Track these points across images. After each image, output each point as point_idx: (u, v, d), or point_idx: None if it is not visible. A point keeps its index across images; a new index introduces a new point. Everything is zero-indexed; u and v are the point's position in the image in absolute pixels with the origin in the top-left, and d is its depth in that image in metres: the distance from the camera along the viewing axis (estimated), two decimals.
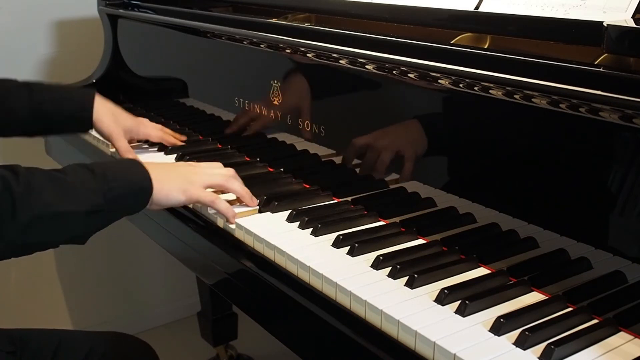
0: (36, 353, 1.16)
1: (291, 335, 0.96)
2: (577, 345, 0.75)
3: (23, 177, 0.91)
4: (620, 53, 0.81)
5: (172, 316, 2.41)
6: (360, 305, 0.85)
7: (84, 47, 2.03)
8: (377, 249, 0.97)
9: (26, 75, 2.00)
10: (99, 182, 0.96)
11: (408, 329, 0.78)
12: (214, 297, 1.91)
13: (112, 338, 1.28)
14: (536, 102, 0.86)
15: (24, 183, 0.90)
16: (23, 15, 1.96)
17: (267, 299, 0.99)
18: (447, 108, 1.02)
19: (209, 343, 2.01)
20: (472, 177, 1.01)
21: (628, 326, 0.79)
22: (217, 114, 1.52)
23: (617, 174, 0.81)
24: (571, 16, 0.91)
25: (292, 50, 1.24)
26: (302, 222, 1.05)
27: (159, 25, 1.67)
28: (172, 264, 2.26)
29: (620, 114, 0.78)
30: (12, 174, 0.91)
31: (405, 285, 0.88)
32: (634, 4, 0.86)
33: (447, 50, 0.97)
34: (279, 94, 1.30)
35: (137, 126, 1.41)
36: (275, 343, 0.99)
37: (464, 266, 0.92)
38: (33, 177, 0.92)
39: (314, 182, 1.21)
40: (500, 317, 0.78)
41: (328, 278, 0.90)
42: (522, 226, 0.94)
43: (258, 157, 1.35)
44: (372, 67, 1.08)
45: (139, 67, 1.83)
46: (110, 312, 2.28)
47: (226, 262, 1.05)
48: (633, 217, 0.81)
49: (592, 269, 0.86)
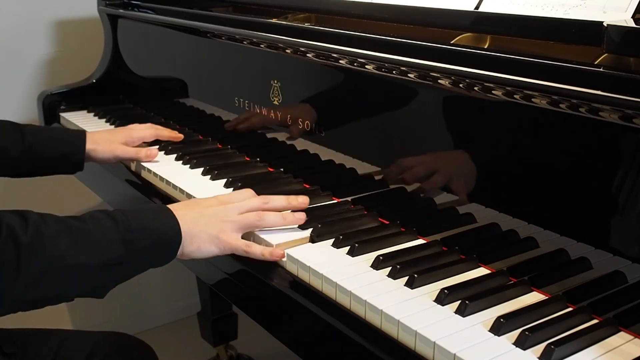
0: (36, 353, 1.16)
1: (291, 335, 0.96)
2: (577, 345, 0.75)
3: (33, 225, 0.84)
4: (620, 53, 0.81)
5: (172, 316, 2.41)
6: (360, 305, 0.85)
7: (84, 47, 2.04)
8: (377, 249, 0.97)
9: (26, 75, 2.01)
10: (121, 232, 0.88)
11: (408, 329, 0.78)
12: (214, 297, 1.91)
13: (112, 338, 1.28)
14: (536, 102, 0.86)
15: (33, 232, 0.83)
16: (23, 15, 1.96)
17: (267, 299, 0.99)
18: (447, 108, 1.02)
19: (209, 343, 2.01)
20: (472, 177, 1.01)
21: (628, 326, 0.79)
22: (217, 114, 1.52)
23: (617, 174, 0.81)
24: (571, 16, 0.91)
25: (292, 50, 1.24)
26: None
27: (159, 25, 1.67)
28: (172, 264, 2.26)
29: (620, 114, 0.78)
30: (22, 220, 0.84)
31: (405, 285, 0.88)
32: (634, 4, 0.86)
33: (447, 50, 0.97)
34: (279, 94, 1.30)
35: (130, 134, 1.41)
36: (275, 343, 0.99)
37: (464, 266, 0.92)
38: (45, 225, 0.85)
39: (314, 182, 1.21)
40: (500, 317, 0.78)
41: (328, 278, 0.90)
42: (522, 226, 0.94)
43: (258, 157, 1.35)
44: (372, 67, 1.08)
45: (139, 67, 1.83)
46: (110, 312, 2.28)
47: (226, 262, 1.05)
48: (633, 217, 0.81)
49: (592, 269, 0.86)
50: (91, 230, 0.88)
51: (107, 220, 0.90)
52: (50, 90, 1.84)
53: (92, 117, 1.77)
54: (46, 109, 1.82)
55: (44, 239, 0.84)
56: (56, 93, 1.83)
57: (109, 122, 1.70)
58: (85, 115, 1.79)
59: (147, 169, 1.35)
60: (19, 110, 2.00)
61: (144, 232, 0.90)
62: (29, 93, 1.99)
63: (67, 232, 0.86)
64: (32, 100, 1.91)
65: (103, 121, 1.72)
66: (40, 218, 0.86)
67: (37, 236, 0.83)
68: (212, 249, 0.97)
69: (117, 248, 0.88)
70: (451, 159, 1.02)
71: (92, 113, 1.79)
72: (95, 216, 0.91)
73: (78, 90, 1.86)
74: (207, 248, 0.97)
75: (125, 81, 1.86)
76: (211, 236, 0.96)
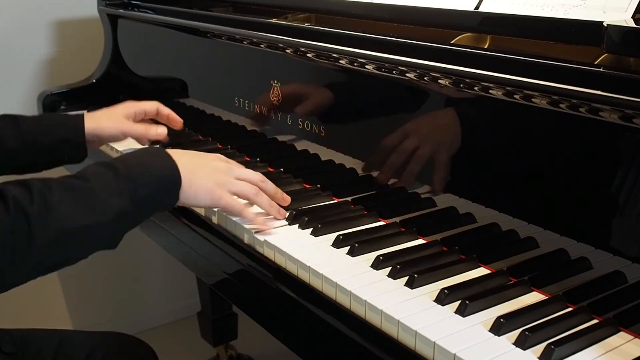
0: (37, 353, 1.16)
1: (291, 335, 0.96)
2: (577, 345, 0.75)
3: (37, 194, 0.84)
4: (620, 53, 0.81)
5: (172, 316, 2.41)
6: (360, 305, 0.85)
7: (84, 47, 2.04)
8: (377, 249, 0.97)
9: (26, 75, 2.01)
10: (123, 183, 0.89)
11: (408, 329, 0.78)
12: (214, 297, 1.91)
13: (112, 338, 1.28)
14: (536, 102, 0.86)
15: (39, 200, 0.84)
16: (23, 15, 1.96)
17: (266, 299, 0.99)
18: (447, 108, 1.02)
19: (209, 343, 2.01)
20: (472, 177, 1.01)
21: (628, 326, 0.79)
22: (217, 114, 1.52)
23: (617, 174, 0.81)
24: (571, 16, 0.91)
25: (292, 50, 1.24)
26: (302, 222, 1.05)
27: (159, 25, 1.67)
28: (172, 264, 2.26)
29: (620, 114, 0.78)
30: (26, 191, 0.84)
31: (405, 285, 0.88)
32: (634, 4, 0.86)
33: (447, 50, 0.97)
34: (279, 94, 1.30)
35: (131, 107, 1.35)
36: (275, 343, 0.99)
37: (464, 266, 0.92)
38: (49, 191, 0.85)
39: (314, 182, 1.21)
40: (500, 317, 0.78)
41: (328, 278, 0.90)
42: (522, 226, 0.94)
43: (258, 157, 1.35)
44: (372, 67, 1.08)
45: (139, 67, 1.83)
46: (110, 312, 2.28)
47: (226, 262, 1.05)
48: (633, 217, 0.81)
49: (592, 269, 0.86)
50: (95, 189, 0.88)
51: (109, 174, 0.90)
52: (50, 90, 1.84)
53: None
54: (46, 109, 1.82)
55: (50, 206, 0.84)
56: (56, 93, 1.83)
57: None
58: None
59: None
60: (19, 110, 1.99)
61: (145, 179, 0.92)
62: (29, 93, 1.99)
63: (72, 194, 0.87)
64: (32, 100, 1.91)
65: None
66: (44, 184, 0.87)
67: (43, 204, 0.84)
68: (206, 198, 0.99)
69: (122, 201, 0.89)
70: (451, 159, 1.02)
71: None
72: (97, 171, 0.91)
73: (78, 90, 1.86)
74: (203, 196, 0.99)
75: (125, 81, 1.86)
76: (208, 186, 0.99)
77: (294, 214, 1.07)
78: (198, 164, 1.00)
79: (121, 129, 1.31)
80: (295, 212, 1.07)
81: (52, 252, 0.85)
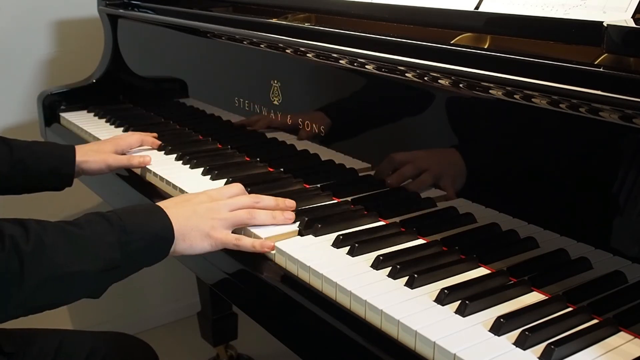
0: (37, 353, 1.16)
1: (291, 335, 0.96)
2: (577, 345, 0.75)
3: (33, 234, 0.86)
4: (620, 53, 0.81)
5: (172, 316, 2.41)
6: (360, 305, 0.85)
7: (84, 47, 2.04)
8: (377, 249, 0.97)
9: (26, 75, 2.01)
10: (116, 235, 0.91)
11: (408, 329, 0.78)
12: (214, 297, 1.91)
13: (112, 338, 1.28)
14: (536, 102, 0.86)
15: (34, 241, 0.85)
16: (23, 15, 1.96)
17: (267, 299, 0.99)
18: (447, 108, 1.02)
19: (209, 343, 2.01)
20: (472, 177, 1.01)
21: (628, 326, 0.79)
22: (217, 114, 1.53)
23: (617, 174, 0.81)
24: (571, 16, 0.91)
25: (292, 50, 1.24)
26: (302, 222, 1.05)
27: (159, 25, 1.67)
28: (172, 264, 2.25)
29: (620, 114, 0.78)
30: (22, 230, 0.86)
31: (405, 285, 0.88)
32: (634, 4, 0.86)
33: (447, 50, 0.97)
34: (279, 94, 1.30)
35: (117, 142, 1.40)
36: (275, 343, 0.99)
37: (464, 266, 0.92)
38: (45, 234, 0.87)
39: (314, 182, 1.21)
40: (500, 317, 0.78)
41: (328, 278, 0.90)
42: (522, 226, 0.94)
43: (258, 157, 1.35)
44: (372, 67, 1.08)
45: (139, 67, 1.83)
46: (110, 312, 2.28)
47: (226, 262, 1.05)
48: (633, 217, 0.81)
49: (592, 269, 0.86)
50: (88, 236, 0.90)
51: (103, 224, 0.92)
52: (50, 90, 1.84)
53: (92, 117, 1.77)
54: (46, 109, 1.82)
55: (45, 248, 0.86)
56: (56, 93, 1.83)
57: (109, 122, 1.70)
58: (85, 115, 1.79)
59: (148, 169, 1.35)
60: (19, 110, 2.01)
61: (139, 234, 0.93)
62: (29, 93, 1.99)
63: (66, 239, 0.88)
64: (32, 100, 1.91)
65: (103, 121, 1.72)
66: (40, 226, 0.88)
67: (38, 245, 0.85)
68: (204, 245, 0.99)
69: (113, 252, 0.90)
70: (451, 159, 1.02)
71: (92, 113, 1.79)
72: (91, 220, 0.92)
73: (78, 90, 1.86)
74: (199, 245, 0.99)
75: (125, 81, 1.87)
76: (203, 233, 0.99)
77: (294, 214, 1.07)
78: (191, 212, 1.00)
79: (107, 162, 1.34)
80: (295, 213, 1.07)
81: (39, 293, 0.86)
